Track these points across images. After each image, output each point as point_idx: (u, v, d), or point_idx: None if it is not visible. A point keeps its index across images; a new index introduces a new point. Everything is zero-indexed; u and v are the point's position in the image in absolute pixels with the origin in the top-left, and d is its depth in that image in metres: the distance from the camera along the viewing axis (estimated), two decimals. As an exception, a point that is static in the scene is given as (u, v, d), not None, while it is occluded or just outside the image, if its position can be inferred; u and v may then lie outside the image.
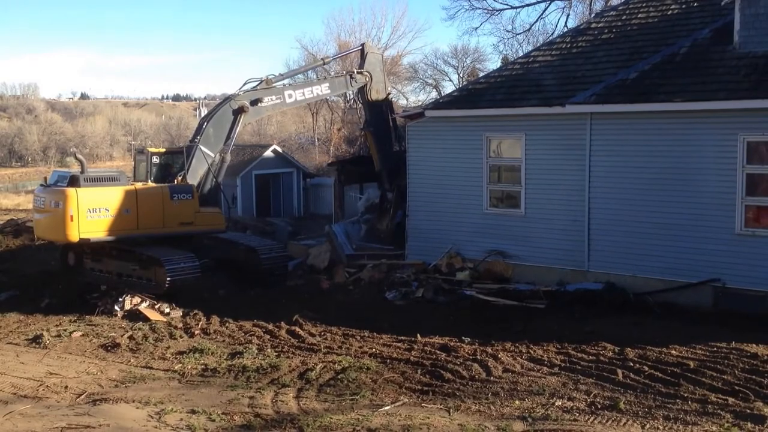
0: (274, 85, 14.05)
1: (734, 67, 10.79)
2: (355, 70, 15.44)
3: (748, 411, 6.62)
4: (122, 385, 8.17)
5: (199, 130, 13.62)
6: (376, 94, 15.28)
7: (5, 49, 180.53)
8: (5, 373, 8.72)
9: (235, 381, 8.15)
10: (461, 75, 44.39)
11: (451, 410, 6.97)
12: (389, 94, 15.92)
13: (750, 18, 10.75)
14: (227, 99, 13.63)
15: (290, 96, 14.04)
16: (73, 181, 12.16)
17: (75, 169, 15.09)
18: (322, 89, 14.86)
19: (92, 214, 11.93)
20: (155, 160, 14.31)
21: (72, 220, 11.82)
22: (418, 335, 9.62)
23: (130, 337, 10.15)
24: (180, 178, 13.19)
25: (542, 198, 12.34)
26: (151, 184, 13.47)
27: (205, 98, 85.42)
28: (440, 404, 7.15)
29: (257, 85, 13.88)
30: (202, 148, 13.14)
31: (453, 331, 9.73)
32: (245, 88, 13.84)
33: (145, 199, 12.43)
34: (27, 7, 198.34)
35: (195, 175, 13.11)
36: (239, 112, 13.37)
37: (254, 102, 13.63)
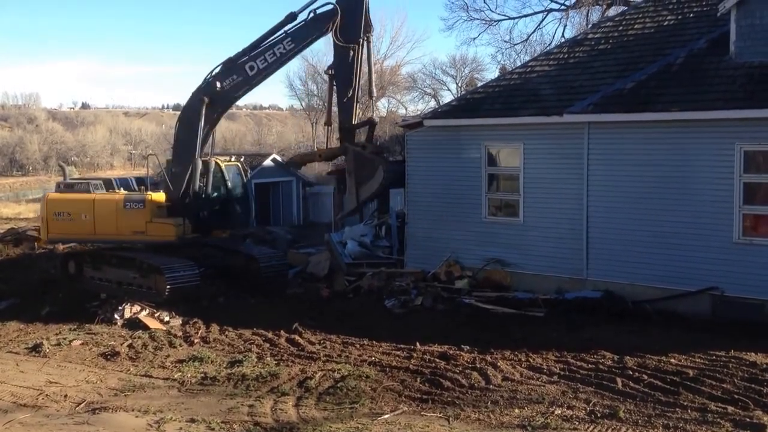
0: (235, 63, 12.38)
1: (730, 77, 10.88)
2: (320, 5, 12.39)
3: (748, 420, 6.63)
4: (122, 393, 8.17)
5: (174, 137, 13.34)
6: (347, 33, 12.23)
7: (6, 58, 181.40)
8: (5, 381, 8.73)
9: (235, 389, 8.15)
10: (460, 85, 44.61)
11: (450, 419, 6.98)
12: (367, 35, 12.19)
13: (746, 29, 10.86)
14: (192, 96, 12.72)
15: (252, 68, 12.31)
16: (56, 188, 13.93)
17: (76, 176, 15.50)
18: (286, 46, 12.32)
19: (57, 218, 13.40)
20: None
21: (42, 222, 13.84)
22: (418, 343, 9.62)
23: (130, 346, 10.15)
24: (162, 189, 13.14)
25: (541, 206, 12.38)
26: (108, 193, 13.55)
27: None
28: (440, 413, 7.15)
29: (220, 69, 12.57)
30: (179, 154, 12.91)
31: (452, 340, 9.73)
32: (209, 78, 12.67)
33: (100, 206, 13.22)
34: (28, 17, 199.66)
35: (178, 183, 12.85)
36: (202, 105, 12.42)
37: (215, 90, 12.45)
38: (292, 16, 12.37)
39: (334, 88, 12.62)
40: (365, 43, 12.25)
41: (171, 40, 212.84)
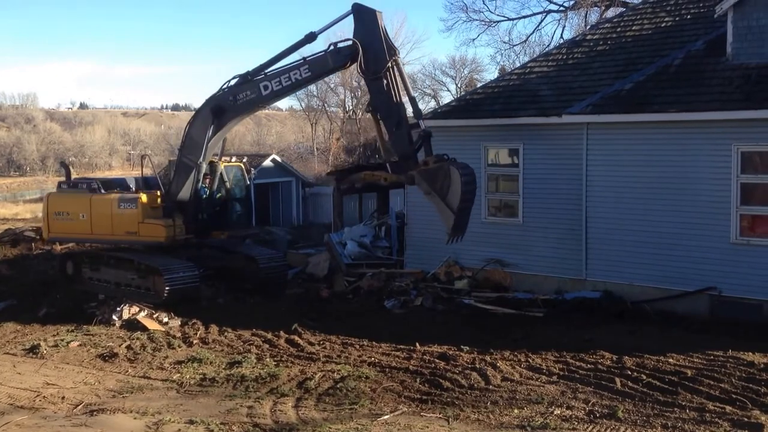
0: (253, 79, 12.17)
1: (727, 78, 10.92)
2: (341, 41, 11.88)
3: (746, 419, 6.65)
4: (120, 395, 8.15)
5: (182, 139, 13.23)
6: (373, 65, 11.48)
7: (5, 59, 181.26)
8: (2, 383, 8.70)
9: (234, 391, 8.14)
10: (459, 85, 44.72)
11: (450, 419, 6.98)
12: (393, 58, 11.39)
13: (743, 30, 10.90)
14: (205, 102, 12.67)
15: (266, 88, 12.10)
16: (57, 187, 14.17)
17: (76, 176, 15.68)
18: (302, 73, 12.01)
19: (57, 217, 13.62)
20: None
21: (43, 221, 14.15)
22: (417, 344, 9.62)
23: (128, 347, 10.13)
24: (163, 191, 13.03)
25: (540, 207, 12.40)
26: (104, 193, 13.46)
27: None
28: (439, 413, 7.16)
29: (236, 82, 12.41)
30: (183, 156, 12.84)
31: (452, 340, 9.74)
32: (224, 87, 12.50)
33: (97, 205, 13.28)
34: (27, 17, 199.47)
35: (179, 185, 12.81)
36: (213, 114, 12.42)
37: (228, 101, 12.25)
38: (311, 36, 11.94)
39: (381, 123, 11.82)
40: (394, 66, 11.42)
41: (170, 41, 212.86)
